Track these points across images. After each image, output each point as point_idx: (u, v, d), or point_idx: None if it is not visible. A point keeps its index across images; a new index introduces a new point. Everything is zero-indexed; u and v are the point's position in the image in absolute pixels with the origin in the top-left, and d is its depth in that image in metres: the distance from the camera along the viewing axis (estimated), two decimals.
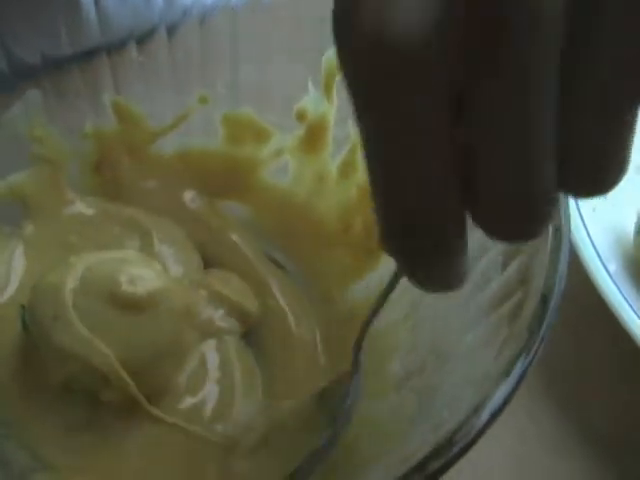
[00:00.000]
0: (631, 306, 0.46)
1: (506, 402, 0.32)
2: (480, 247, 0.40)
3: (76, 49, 0.46)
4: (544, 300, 0.34)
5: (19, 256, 0.45)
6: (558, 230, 0.36)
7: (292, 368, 0.45)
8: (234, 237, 0.49)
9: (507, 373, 0.32)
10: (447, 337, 0.41)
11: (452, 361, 0.39)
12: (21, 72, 0.45)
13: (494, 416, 0.32)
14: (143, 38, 0.47)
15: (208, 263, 0.48)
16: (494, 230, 0.24)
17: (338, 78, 0.45)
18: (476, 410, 0.32)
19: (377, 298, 0.38)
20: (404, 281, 0.44)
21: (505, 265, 0.38)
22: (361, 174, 0.46)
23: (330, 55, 0.45)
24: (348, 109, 0.47)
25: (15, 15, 0.43)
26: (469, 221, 0.24)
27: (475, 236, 0.40)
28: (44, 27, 0.45)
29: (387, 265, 0.46)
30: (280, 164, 0.49)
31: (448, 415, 0.35)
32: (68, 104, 0.46)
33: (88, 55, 0.47)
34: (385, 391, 0.42)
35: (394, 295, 0.45)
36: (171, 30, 0.47)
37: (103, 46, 0.46)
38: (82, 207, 0.47)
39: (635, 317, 0.46)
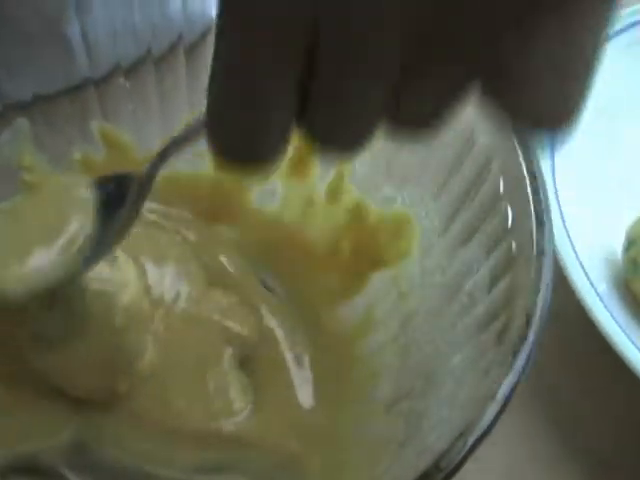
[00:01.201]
0: (620, 326, 0.46)
1: (492, 425, 0.32)
2: (467, 269, 0.41)
3: (67, 84, 0.46)
4: (528, 321, 0.35)
5: None
6: (541, 251, 0.36)
7: (283, 391, 0.45)
8: (224, 259, 0.48)
9: (493, 395, 0.32)
10: (435, 359, 0.41)
11: (440, 384, 0.39)
12: (11, 106, 0.45)
13: (480, 439, 0.32)
14: (131, 67, 0.47)
15: None
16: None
17: None
18: (462, 434, 0.32)
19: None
20: (392, 302, 0.45)
21: (491, 286, 0.38)
22: (349, 198, 0.47)
23: None
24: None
25: (8, 53, 0.44)
26: None
27: (462, 257, 0.41)
28: (35, 65, 0.45)
29: (374, 288, 0.46)
30: (269, 188, 0.49)
31: (434, 439, 0.35)
32: (56, 132, 0.47)
33: (77, 87, 0.47)
34: (374, 415, 0.42)
35: (382, 316, 0.45)
36: (158, 59, 0.47)
37: (91, 78, 0.47)
38: None
39: (624, 337, 0.46)
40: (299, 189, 0.48)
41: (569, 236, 0.49)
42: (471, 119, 0.41)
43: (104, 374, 0.42)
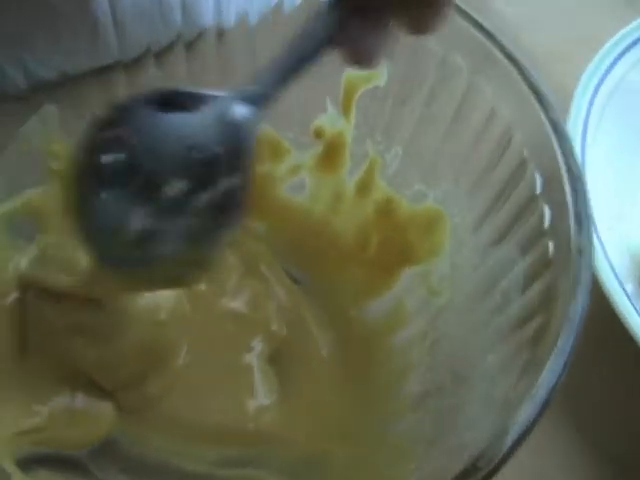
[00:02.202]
0: None
1: (532, 426, 0.32)
2: (500, 267, 0.40)
3: (93, 65, 0.46)
4: (566, 323, 0.34)
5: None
6: (580, 252, 0.36)
7: (310, 385, 0.45)
8: (254, 252, 0.48)
9: (532, 396, 0.32)
10: (466, 358, 0.40)
11: (471, 382, 0.39)
12: (38, 87, 0.45)
13: (520, 440, 0.32)
14: (161, 53, 0.47)
15: None
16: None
17: (357, 96, 0.45)
18: (499, 435, 0.32)
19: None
20: (421, 298, 0.45)
21: (526, 286, 0.38)
22: (379, 193, 0.46)
23: (350, 73, 0.45)
24: (366, 127, 0.47)
25: (34, 32, 0.43)
26: None
27: (495, 256, 0.41)
28: (62, 44, 0.45)
29: (403, 283, 0.46)
30: (297, 181, 0.49)
31: (470, 439, 0.35)
32: (84, 119, 0.46)
33: (105, 69, 0.46)
34: (401, 411, 0.42)
35: (411, 312, 0.45)
36: (189, 45, 0.47)
37: (120, 61, 0.46)
38: None
39: None
40: (328, 183, 0.48)
41: (598, 235, 0.49)
42: (508, 117, 0.41)
43: (139, 370, 0.41)
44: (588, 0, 0.69)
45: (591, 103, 0.52)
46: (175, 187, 0.33)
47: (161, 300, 0.41)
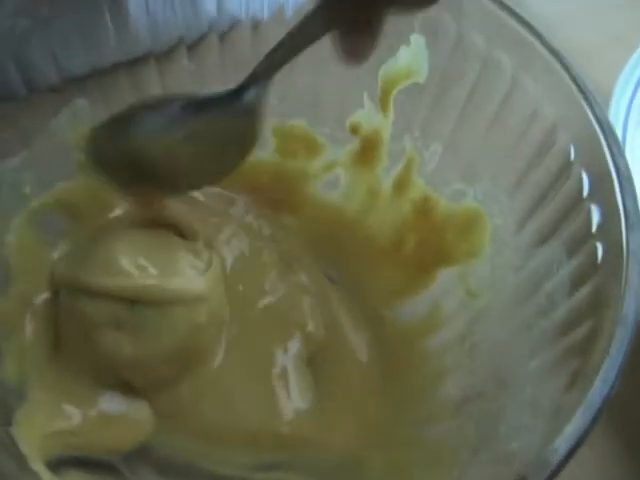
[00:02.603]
0: None
1: (583, 438, 0.31)
2: (545, 270, 0.39)
3: (124, 57, 0.45)
4: (618, 329, 0.33)
5: None
6: (631, 255, 0.35)
7: (346, 387, 0.44)
8: (289, 250, 0.47)
9: (585, 406, 0.31)
10: (508, 362, 0.39)
11: (514, 388, 0.38)
12: (69, 80, 0.44)
13: (571, 453, 0.31)
14: (193, 45, 0.46)
15: None
16: None
17: (395, 92, 0.44)
18: (549, 445, 0.31)
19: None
20: (459, 299, 0.43)
21: (573, 289, 0.37)
22: (416, 191, 0.45)
23: (388, 68, 0.44)
24: (404, 123, 0.46)
25: (66, 26, 0.42)
26: None
27: (539, 258, 0.40)
28: (93, 36, 0.44)
29: (441, 284, 0.45)
30: (331, 178, 0.48)
31: (517, 447, 0.34)
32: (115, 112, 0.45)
33: (136, 62, 0.46)
34: (440, 415, 0.41)
35: (449, 314, 0.44)
36: (222, 37, 0.46)
37: (152, 52, 0.45)
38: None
39: None
40: (364, 180, 0.47)
41: None
42: (553, 115, 0.40)
43: (173, 373, 0.41)
44: None
45: (631, 102, 0.51)
46: None
47: (200, 301, 0.40)
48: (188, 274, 0.41)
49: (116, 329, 0.39)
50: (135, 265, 0.39)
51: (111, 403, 0.41)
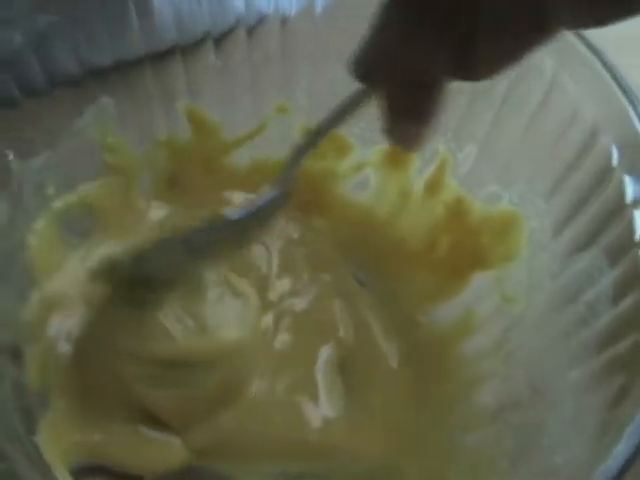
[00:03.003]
0: None
1: (635, 456, 0.30)
2: (585, 277, 0.38)
3: (150, 50, 0.44)
4: None
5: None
6: None
7: (377, 393, 0.43)
8: (319, 252, 0.46)
9: (635, 424, 0.30)
10: (545, 371, 0.38)
11: (553, 398, 0.37)
12: (92, 74, 0.43)
13: (623, 470, 0.30)
14: (220, 41, 0.45)
15: None
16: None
17: None
18: (599, 461, 0.30)
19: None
20: (494, 305, 0.42)
21: (616, 299, 0.36)
22: (449, 193, 0.44)
23: None
24: (436, 124, 0.45)
25: (91, 18, 0.41)
26: None
27: (578, 264, 0.38)
28: (117, 28, 0.43)
29: (475, 289, 0.44)
30: (361, 178, 0.47)
31: (561, 462, 0.33)
32: (141, 111, 0.44)
33: (161, 56, 0.44)
34: (476, 423, 0.40)
35: (483, 319, 0.43)
36: (249, 32, 0.45)
37: (177, 47, 0.44)
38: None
39: None
40: (395, 181, 0.46)
41: None
42: (593, 116, 0.38)
43: (212, 412, 0.40)
44: None
45: None
46: None
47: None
48: (232, 323, 0.40)
49: (156, 384, 0.39)
50: (180, 325, 0.39)
51: (142, 425, 0.40)
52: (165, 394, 0.39)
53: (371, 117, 0.45)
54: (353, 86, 0.45)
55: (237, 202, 0.46)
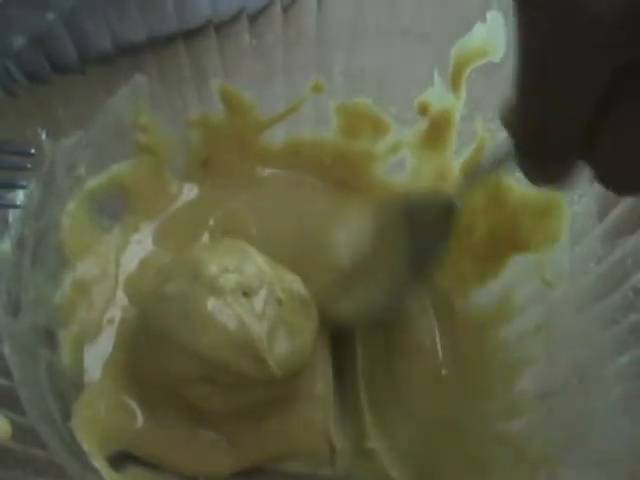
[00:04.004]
0: None
1: None
2: (632, 260, 0.37)
3: (182, 26, 0.43)
4: None
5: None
6: None
7: (416, 376, 0.42)
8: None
9: None
10: (591, 358, 0.38)
11: (600, 385, 0.36)
12: (125, 52, 0.42)
13: None
14: (254, 19, 0.44)
15: None
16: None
17: (469, 70, 0.42)
18: None
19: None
20: (534, 289, 0.42)
21: None
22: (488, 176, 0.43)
23: (462, 45, 0.41)
24: (476, 104, 0.44)
25: None
26: None
27: (624, 247, 0.38)
28: (150, 4, 0.42)
29: (513, 272, 0.43)
30: (397, 160, 0.46)
31: (620, 450, 0.32)
32: (174, 90, 0.43)
33: (195, 34, 0.43)
34: (518, 410, 0.40)
35: (523, 303, 0.42)
36: (285, 11, 0.44)
37: (211, 24, 0.43)
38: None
39: None
40: (432, 162, 0.45)
41: None
42: None
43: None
44: None
45: None
46: None
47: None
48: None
49: (208, 384, 0.38)
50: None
51: (188, 421, 0.39)
52: (214, 395, 0.38)
53: (408, 97, 0.44)
54: (387, 66, 0.44)
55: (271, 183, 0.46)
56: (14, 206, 0.38)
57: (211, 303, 0.36)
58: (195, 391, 0.38)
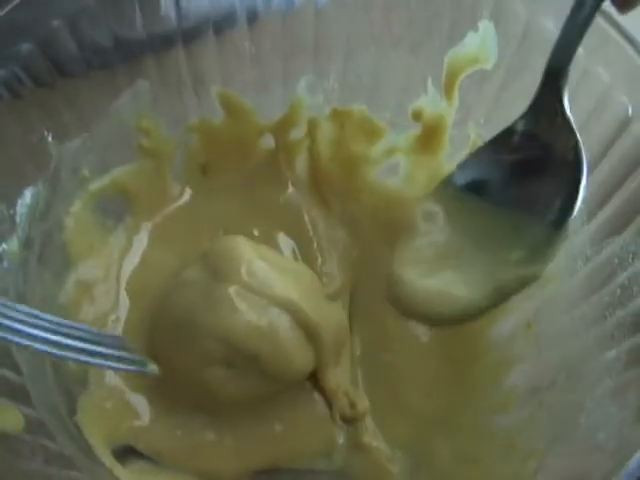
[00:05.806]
0: None
1: None
2: (619, 260, 0.39)
3: (181, 25, 0.44)
4: None
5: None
6: None
7: (407, 373, 0.44)
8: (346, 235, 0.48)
9: None
10: (579, 352, 0.39)
11: (589, 379, 0.37)
12: (127, 57, 0.43)
13: None
14: (252, 18, 0.45)
15: None
16: None
17: (461, 78, 0.43)
18: None
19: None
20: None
21: None
22: None
23: (455, 53, 0.43)
24: (468, 110, 0.45)
25: None
26: None
27: (612, 247, 0.39)
28: (149, 6, 0.43)
29: None
30: (391, 164, 0.47)
31: (605, 437, 0.34)
32: (173, 95, 0.44)
33: (193, 38, 0.44)
34: (508, 404, 0.41)
35: (514, 301, 0.43)
36: (283, 19, 0.45)
37: (210, 20, 0.44)
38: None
39: None
40: (425, 167, 0.46)
41: None
42: (625, 102, 0.39)
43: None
44: None
45: None
46: None
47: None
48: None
49: (226, 367, 0.39)
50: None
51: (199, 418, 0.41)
52: (230, 381, 0.39)
53: (402, 103, 0.46)
54: (382, 74, 0.46)
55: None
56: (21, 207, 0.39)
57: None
58: (213, 373, 0.39)
